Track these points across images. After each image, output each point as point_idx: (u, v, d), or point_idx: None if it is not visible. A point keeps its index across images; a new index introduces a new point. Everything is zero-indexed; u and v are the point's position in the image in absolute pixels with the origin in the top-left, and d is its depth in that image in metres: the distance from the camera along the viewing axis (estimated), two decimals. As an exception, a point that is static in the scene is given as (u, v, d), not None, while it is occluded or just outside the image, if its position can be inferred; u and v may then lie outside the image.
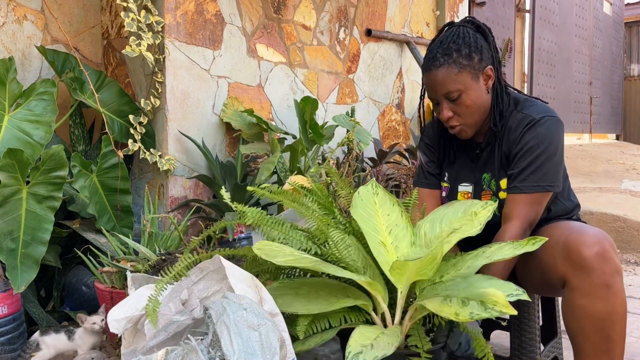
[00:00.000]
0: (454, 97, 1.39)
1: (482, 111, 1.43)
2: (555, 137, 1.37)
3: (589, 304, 1.24)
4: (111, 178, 2.14)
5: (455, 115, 1.42)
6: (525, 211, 1.36)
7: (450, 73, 1.37)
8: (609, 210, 3.64)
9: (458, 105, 1.39)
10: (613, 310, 1.23)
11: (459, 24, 1.45)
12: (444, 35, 1.43)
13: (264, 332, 1.02)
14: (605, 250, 1.24)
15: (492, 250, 1.22)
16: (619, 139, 9.58)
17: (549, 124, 1.37)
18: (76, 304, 2.05)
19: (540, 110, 1.40)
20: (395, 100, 3.63)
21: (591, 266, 1.23)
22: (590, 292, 1.23)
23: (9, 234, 1.71)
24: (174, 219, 1.98)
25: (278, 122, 2.81)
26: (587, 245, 1.24)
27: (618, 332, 1.25)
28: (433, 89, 1.42)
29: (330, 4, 3.10)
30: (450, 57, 1.37)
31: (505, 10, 4.91)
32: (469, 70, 1.37)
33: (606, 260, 1.23)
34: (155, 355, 1.01)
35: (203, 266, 1.24)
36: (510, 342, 1.56)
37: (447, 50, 1.38)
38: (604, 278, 1.22)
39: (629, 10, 10.02)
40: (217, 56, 2.50)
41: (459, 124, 1.43)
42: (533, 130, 1.37)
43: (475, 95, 1.39)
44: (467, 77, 1.37)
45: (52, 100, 2.03)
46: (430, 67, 1.40)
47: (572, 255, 1.25)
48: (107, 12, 2.52)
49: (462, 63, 1.37)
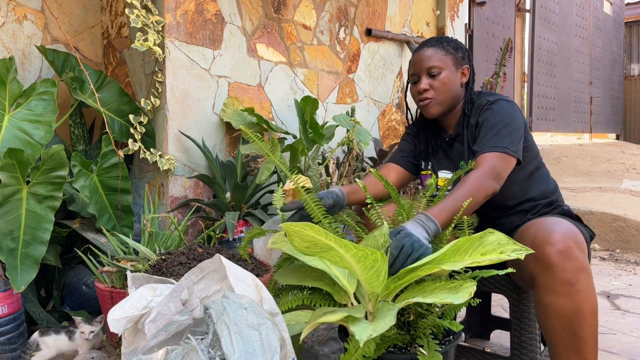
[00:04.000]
0: (435, 73, 1.60)
1: (453, 95, 1.62)
2: (509, 111, 1.54)
3: (554, 302, 1.27)
4: (111, 178, 2.14)
5: (430, 89, 1.61)
6: (490, 162, 1.44)
7: (438, 52, 1.61)
8: (609, 210, 3.64)
9: (436, 80, 1.60)
10: (578, 308, 1.25)
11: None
12: (439, 36, 1.70)
13: (264, 332, 1.02)
14: (569, 247, 1.26)
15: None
16: (619, 139, 9.57)
17: (502, 102, 1.57)
18: (76, 304, 2.05)
19: (495, 95, 1.62)
20: (395, 100, 3.63)
21: (553, 263, 1.26)
22: (554, 289, 1.26)
23: (9, 234, 1.71)
24: (174, 219, 1.98)
25: (278, 121, 2.81)
26: (551, 243, 1.28)
27: (587, 331, 1.26)
28: (419, 63, 1.62)
29: (331, 4, 3.10)
30: (442, 43, 1.63)
31: (505, 10, 4.90)
32: (453, 57, 1.62)
33: (568, 258, 1.25)
34: (155, 355, 1.01)
35: (203, 266, 1.24)
36: (510, 342, 1.56)
37: (440, 40, 1.65)
38: (566, 275, 1.25)
39: (629, 10, 10.01)
40: (217, 56, 2.50)
41: (431, 97, 1.61)
42: (488, 109, 1.56)
43: (452, 78, 1.61)
44: (450, 61, 1.61)
45: (53, 100, 2.03)
46: (423, 46, 1.65)
47: (537, 253, 1.28)
48: (107, 11, 2.52)
49: (449, 50, 1.62)
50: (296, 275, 1.37)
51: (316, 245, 1.10)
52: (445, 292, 1.13)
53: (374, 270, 1.12)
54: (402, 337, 1.26)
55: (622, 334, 2.07)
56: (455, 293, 1.10)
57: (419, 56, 1.63)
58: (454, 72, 1.61)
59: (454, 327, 1.19)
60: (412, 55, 1.68)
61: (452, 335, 1.32)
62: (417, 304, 1.27)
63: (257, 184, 2.33)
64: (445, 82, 1.59)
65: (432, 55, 1.60)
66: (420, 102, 1.64)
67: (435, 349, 1.18)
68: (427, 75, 1.61)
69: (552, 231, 1.30)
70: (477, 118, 1.58)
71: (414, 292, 1.19)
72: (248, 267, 1.77)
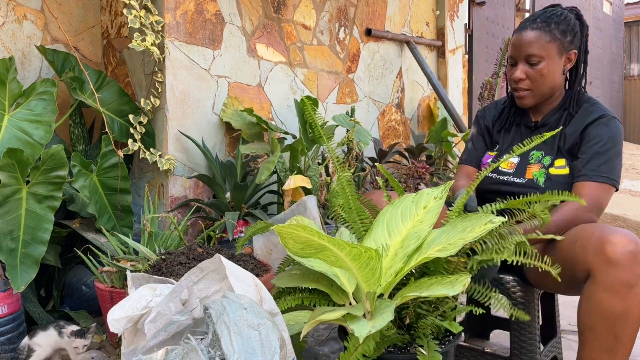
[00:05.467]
0: (534, 62, 1.48)
1: (551, 86, 1.51)
2: (620, 136, 1.47)
3: (607, 299, 1.24)
4: (111, 178, 2.14)
5: (527, 79, 1.50)
6: (595, 195, 1.40)
7: (541, 38, 1.46)
8: (608, 210, 3.64)
9: (534, 70, 1.48)
10: (629, 311, 1.23)
11: (565, 7, 1.54)
12: (549, 10, 1.52)
13: (264, 332, 1.02)
14: (639, 251, 1.24)
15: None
16: (619, 139, 9.56)
17: (618, 124, 1.48)
18: (76, 304, 2.05)
19: (610, 111, 1.51)
20: (395, 100, 3.63)
21: (621, 262, 1.23)
22: (612, 287, 1.23)
23: (9, 234, 1.71)
24: (174, 219, 1.98)
25: (278, 121, 2.81)
26: (622, 243, 1.25)
27: (628, 335, 1.25)
28: (519, 48, 1.50)
29: (330, 4, 3.10)
30: (549, 25, 1.47)
31: (505, 10, 4.90)
32: (558, 43, 1.47)
33: (637, 261, 1.23)
34: (155, 355, 1.01)
35: (203, 266, 1.24)
36: (510, 342, 1.56)
37: (548, 19, 1.48)
38: (630, 277, 1.22)
39: (629, 10, 10.01)
40: (217, 56, 2.50)
41: (527, 88, 1.51)
42: (607, 126, 1.46)
43: (553, 69, 1.48)
44: (554, 49, 1.47)
45: (52, 100, 2.03)
46: (526, 27, 1.49)
47: (605, 249, 1.25)
48: (107, 11, 2.52)
49: (555, 35, 1.46)
50: (293, 279, 1.37)
51: (310, 245, 1.10)
52: (441, 286, 1.13)
53: (369, 268, 1.13)
54: (402, 337, 1.26)
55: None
56: (451, 287, 1.10)
57: (520, 39, 1.49)
58: (557, 60, 1.49)
59: (453, 328, 1.19)
60: (513, 32, 1.55)
61: (451, 335, 1.32)
62: (417, 305, 1.27)
63: (257, 184, 2.33)
64: (544, 73, 1.48)
65: (533, 41, 1.47)
66: (515, 90, 1.55)
67: (435, 349, 1.19)
68: (525, 63, 1.49)
69: (621, 231, 1.28)
70: (588, 123, 1.48)
71: (411, 288, 1.20)
72: (248, 267, 1.77)
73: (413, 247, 1.24)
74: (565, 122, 1.53)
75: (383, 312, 1.08)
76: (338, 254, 1.10)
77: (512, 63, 1.54)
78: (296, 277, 1.37)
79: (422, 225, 1.28)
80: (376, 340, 1.15)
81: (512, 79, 1.54)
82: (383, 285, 1.21)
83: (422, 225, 1.28)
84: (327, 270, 1.26)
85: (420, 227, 1.28)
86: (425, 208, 1.31)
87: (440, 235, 1.24)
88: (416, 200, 1.34)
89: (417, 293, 1.13)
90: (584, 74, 1.57)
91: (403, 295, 1.17)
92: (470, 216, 1.27)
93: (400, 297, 1.17)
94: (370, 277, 1.15)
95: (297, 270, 1.41)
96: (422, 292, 1.13)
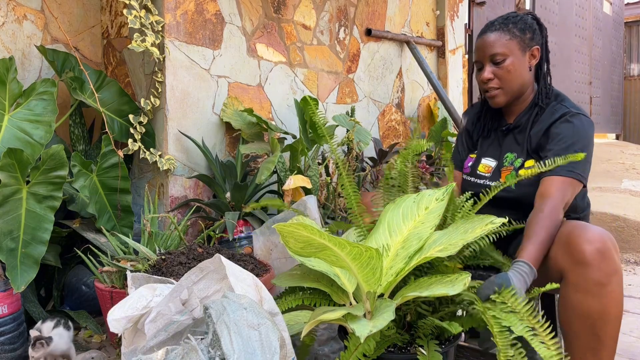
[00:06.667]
0: (499, 60, 1.51)
1: (520, 82, 1.54)
2: (589, 134, 1.47)
3: (582, 300, 1.24)
4: (111, 178, 2.14)
5: (495, 78, 1.54)
6: (561, 191, 1.40)
7: (501, 37, 1.52)
8: (608, 210, 3.64)
9: (500, 68, 1.52)
10: (605, 310, 1.23)
11: (522, 13, 1.61)
12: (506, 14, 1.59)
13: (264, 332, 1.02)
14: (607, 248, 1.23)
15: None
16: (619, 139, 9.56)
17: (584, 119, 1.49)
18: (76, 304, 2.05)
19: (577, 107, 1.53)
20: (395, 100, 3.63)
21: (589, 262, 1.23)
22: (585, 288, 1.23)
23: (9, 234, 1.71)
24: (174, 219, 1.98)
25: (278, 121, 2.81)
26: (589, 241, 1.24)
27: (609, 334, 1.24)
28: (482, 50, 1.55)
29: (330, 4, 3.10)
30: (507, 26, 1.53)
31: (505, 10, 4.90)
32: (518, 40, 1.52)
33: (605, 259, 1.23)
34: (155, 355, 1.01)
35: (203, 266, 1.24)
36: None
37: (505, 21, 1.54)
38: (600, 275, 1.22)
39: (629, 10, 10.01)
40: (217, 56, 2.50)
41: (497, 86, 1.54)
42: (571, 123, 1.47)
43: (518, 64, 1.52)
44: (515, 46, 1.51)
45: (52, 99, 2.03)
46: (486, 31, 1.56)
47: (572, 250, 1.25)
48: (107, 11, 2.52)
49: (514, 33, 1.52)
50: (293, 279, 1.37)
51: (311, 245, 1.10)
52: (441, 286, 1.13)
53: (369, 268, 1.13)
54: (402, 337, 1.26)
55: (622, 334, 2.06)
56: (451, 286, 1.10)
57: (482, 42, 1.55)
58: (520, 57, 1.52)
59: (453, 328, 1.19)
60: (476, 39, 1.60)
61: (451, 336, 1.32)
62: (417, 305, 1.27)
63: (257, 184, 2.33)
64: (511, 69, 1.51)
65: (495, 41, 1.52)
66: (485, 92, 1.58)
67: (435, 349, 1.18)
68: (491, 63, 1.53)
69: (589, 230, 1.27)
70: (551, 122, 1.50)
71: (412, 288, 1.20)
72: (248, 267, 1.77)
73: (415, 248, 1.24)
74: (534, 122, 1.55)
75: (383, 312, 1.08)
76: (339, 254, 1.10)
77: (479, 67, 1.58)
78: (296, 277, 1.37)
79: (423, 226, 1.28)
80: (376, 340, 1.15)
81: (481, 81, 1.57)
82: (383, 285, 1.21)
83: (423, 226, 1.28)
84: (327, 270, 1.26)
85: (421, 227, 1.28)
86: (427, 209, 1.31)
87: (441, 237, 1.24)
88: (417, 200, 1.34)
89: (417, 293, 1.13)
90: (548, 71, 1.60)
91: (403, 295, 1.17)
92: (472, 217, 1.27)
93: (401, 297, 1.16)
94: (371, 276, 1.15)
95: (298, 270, 1.41)
96: (423, 292, 1.12)
